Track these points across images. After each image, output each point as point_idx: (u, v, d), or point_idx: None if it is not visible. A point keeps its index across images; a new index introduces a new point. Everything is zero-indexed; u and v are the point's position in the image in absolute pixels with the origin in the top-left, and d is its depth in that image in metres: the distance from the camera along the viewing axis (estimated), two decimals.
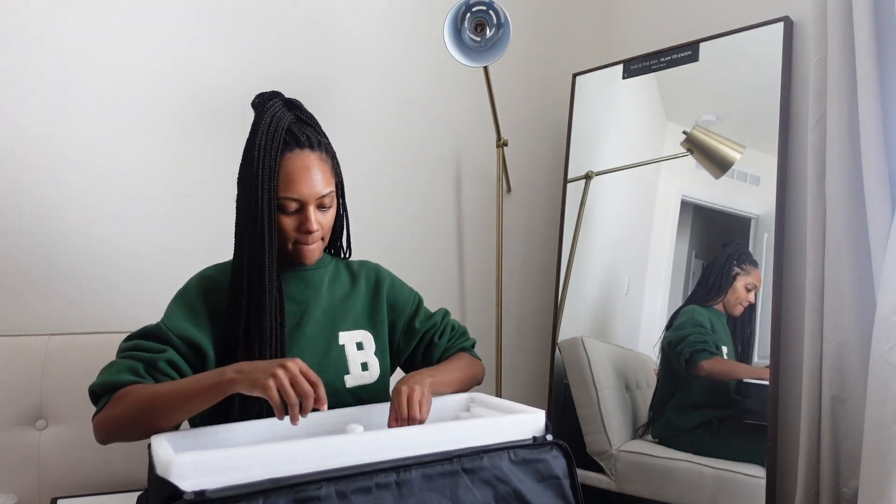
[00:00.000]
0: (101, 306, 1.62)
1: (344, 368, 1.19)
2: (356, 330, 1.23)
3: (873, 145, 1.42)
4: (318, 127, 1.21)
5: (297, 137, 1.16)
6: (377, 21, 1.98)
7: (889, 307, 1.34)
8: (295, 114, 1.19)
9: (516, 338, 2.18)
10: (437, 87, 2.06)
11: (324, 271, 1.25)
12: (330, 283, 1.25)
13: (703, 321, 1.73)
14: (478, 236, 2.13)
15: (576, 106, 2.11)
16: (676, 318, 1.79)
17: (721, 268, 1.74)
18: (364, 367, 1.21)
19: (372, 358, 1.22)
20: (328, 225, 1.19)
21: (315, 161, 1.16)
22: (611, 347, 1.91)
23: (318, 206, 1.16)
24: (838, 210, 1.48)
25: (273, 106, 1.16)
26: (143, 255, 1.67)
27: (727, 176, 1.75)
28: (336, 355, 1.19)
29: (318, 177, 1.15)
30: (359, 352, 1.21)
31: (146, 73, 1.68)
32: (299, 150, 1.15)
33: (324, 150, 1.18)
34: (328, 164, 1.18)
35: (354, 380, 1.19)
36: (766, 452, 1.57)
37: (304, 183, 1.14)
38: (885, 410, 1.32)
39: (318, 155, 1.17)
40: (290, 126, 1.16)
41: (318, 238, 1.18)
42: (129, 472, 1.47)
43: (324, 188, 1.16)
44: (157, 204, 1.69)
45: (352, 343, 1.21)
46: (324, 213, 1.18)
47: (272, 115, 1.15)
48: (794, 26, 1.70)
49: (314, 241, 1.17)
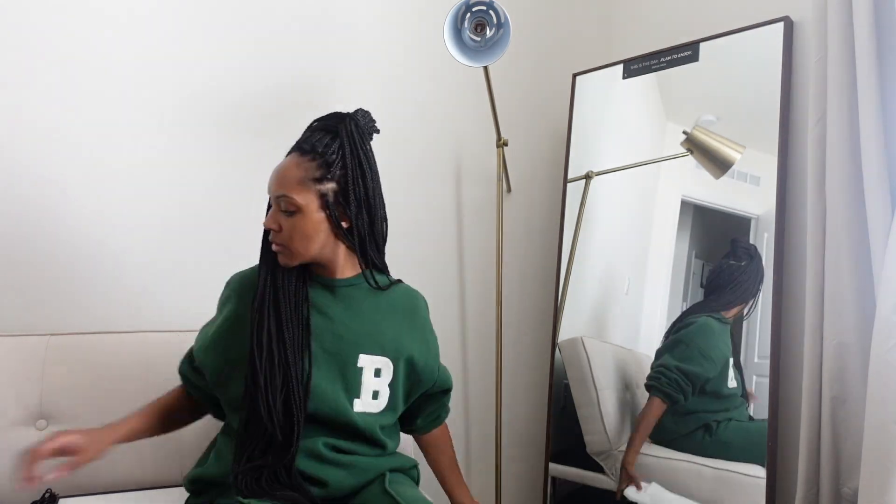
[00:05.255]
0: (101, 306, 1.62)
1: (356, 392, 1.16)
2: (379, 356, 1.19)
3: (873, 145, 1.42)
4: (339, 135, 1.15)
5: (301, 139, 1.17)
6: (377, 21, 1.98)
7: (889, 307, 1.34)
8: (327, 122, 1.18)
9: (516, 338, 2.18)
10: (437, 87, 2.06)
11: (356, 288, 1.21)
12: (362, 300, 1.21)
13: (710, 352, 1.64)
14: (478, 236, 2.13)
15: (576, 106, 2.11)
16: (685, 328, 1.72)
17: (748, 273, 1.66)
18: (374, 396, 1.18)
19: (385, 388, 1.19)
20: (293, 235, 1.13)
21: (289, 162, 1.14)
22: (611, 347, 1.91)
23: (281, 209, 1.13)
24: (838, 210, 1.48)
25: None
26: (144, 255, 1.67)
27: (727, 176, 1.75)
28: (352, 377, 1.17)
29: (282, 176, 1.13)
30: (375, 378, 1.18)
31: (149, 73, 1.68)
32: (290, 154, 1.16)
33: (313, 157, 1.13)
34: (305, 171, 1.12)
35: (363, 405, 1.17)
36: (766, 452, 1.57)
37: (271, 179, 1.15)
38: (885, 410, 1.32)
39: (297, 158, 1.14)
40: (308, 132, 1.18)
41: (276, 240, 1.14)
42: (129, 473, 1.47)
43: (279, 189, 1.12)
44: (159, 204, 1.69)
45: (371, 368, 1.18)
46: (286, 218, 1.13)
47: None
48: (794, 26, 1.70)
49: (274, 242, 1.14)
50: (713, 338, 1.68)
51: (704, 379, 1.67)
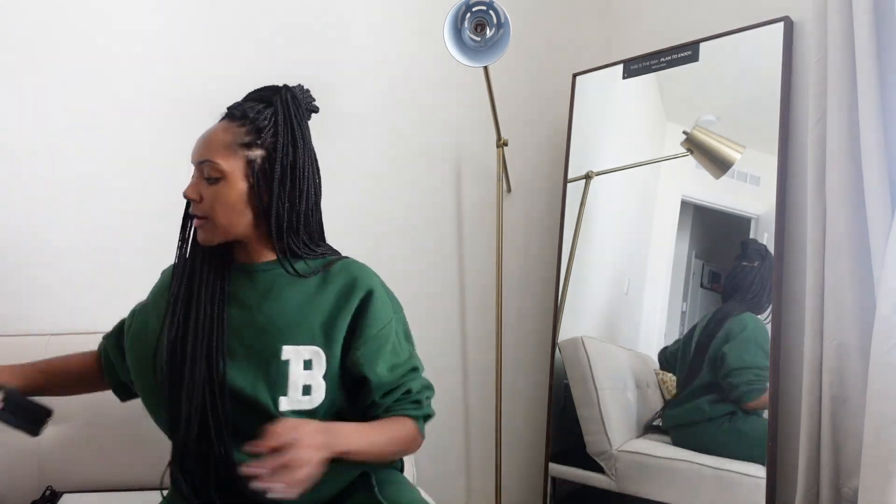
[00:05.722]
0: (101, 306, 1.62)
1: (282, 389, 1.00)
2: (307, 345, 1.02)
3: (873, 145, 1.42)
4: (279, 103, 1.07)
5: (231, 108, 1.09)
6: (377, 21, 1.98)
7: (889, 307, 1.34)
8: (262, 92, 1.11)
9: (516, 338, 2.18)
10: (437, 87, 2.06)
11: (278, 272, 1.07)
12: (284, 285, 1.06)
13: (765, 344, 1.62)
14: (478, 236, 2.13)
15: (576, 106, 2.11)
16: (734, 327, 1.67)
17: (762, 273, 1.65)
18: (306, 391, 1.00)
19: (318, 381, 1.02)
20: (215, 205, 1.03)
21: (217, 126, 1.07)
22: (611, 347, 1.91)
23: (203, 176, 1.04)
24: (838, 210, 1.48)
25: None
26: (143, 255, 1.67)
27: (727, 176, 1.75)
28: (276, 372, 1.00)
29: (208, 141, 1.05)
30: (305, 371, 1.01)
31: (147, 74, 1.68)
32: (219, 121, 1.09)
33: (243, 122, 1.06)
34: (233, 136, 1.05)
35: (290, 403, 1.00)
36: (767, 452, 1.57)
37: (194, 145, 1.07)
38: (885, 410, 1.32)
39: (226, 123, 1.07)
40: (245, 102, 1.10)
41: (198, 212, 1.05)
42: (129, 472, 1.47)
43: (204, 154, 1.04)
44: (157, 203, 1.69)
45: (298, 360, 1.01)
46: (208, 186, 1.04)
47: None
48: (794, 26, 1.70)
49: (196, 215, 1.05)
50: (761, 334, 1.65)
51: (764, 374, 1.64)
